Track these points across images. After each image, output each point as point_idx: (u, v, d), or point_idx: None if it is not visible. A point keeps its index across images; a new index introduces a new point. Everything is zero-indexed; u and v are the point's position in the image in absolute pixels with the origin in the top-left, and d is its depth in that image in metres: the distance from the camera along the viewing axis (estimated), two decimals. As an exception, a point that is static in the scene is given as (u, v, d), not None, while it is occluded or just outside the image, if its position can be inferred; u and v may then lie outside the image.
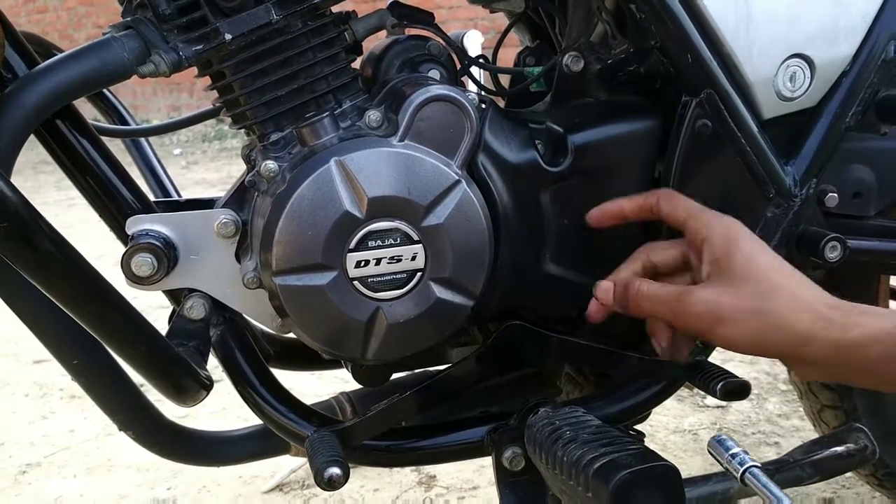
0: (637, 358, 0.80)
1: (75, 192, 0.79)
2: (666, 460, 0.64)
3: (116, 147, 0.86)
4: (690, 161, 0.78)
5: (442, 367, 0.83)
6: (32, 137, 0.70)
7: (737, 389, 0.75)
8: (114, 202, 0.76)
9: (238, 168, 5.02)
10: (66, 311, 0.64)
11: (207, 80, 0.75)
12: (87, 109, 0.81)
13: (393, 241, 0.70)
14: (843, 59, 0.81)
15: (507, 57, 1.02)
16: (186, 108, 6.81)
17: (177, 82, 6.82)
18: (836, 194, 0.84)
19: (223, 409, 1.82)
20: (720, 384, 0.75)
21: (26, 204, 0.59)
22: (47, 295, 0.63)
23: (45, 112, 0.67)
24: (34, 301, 0.73)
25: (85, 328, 0.68)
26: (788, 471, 0.92)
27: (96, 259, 0.65)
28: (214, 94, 0.75)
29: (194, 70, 0.73)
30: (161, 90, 7.01)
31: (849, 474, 1.36)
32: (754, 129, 0.79)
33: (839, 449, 0.91)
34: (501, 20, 1.09)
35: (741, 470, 0.67)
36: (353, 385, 0.86)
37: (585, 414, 0.74)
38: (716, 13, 0.75)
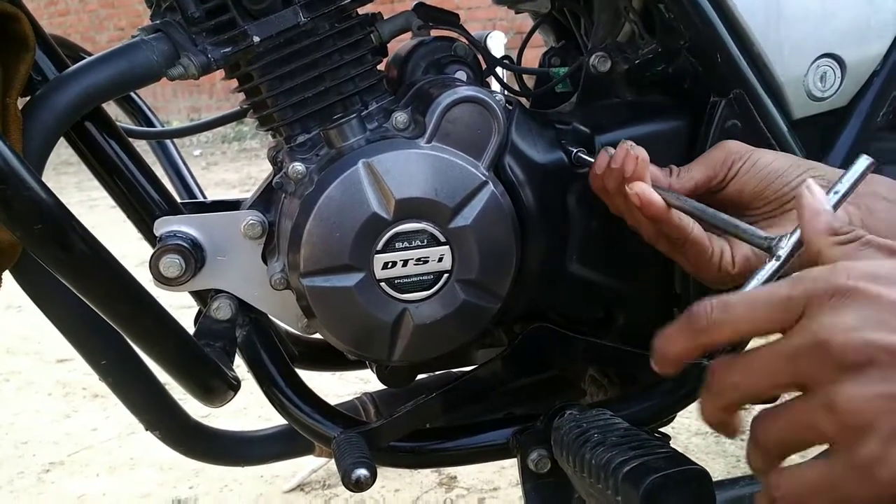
0: (664, 360, 0.79)
1: (97, 194, 0.80)
2: (696, 464, 0.63)
3: (141, 148, 0.86)
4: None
5: (467, 369, 0.83)
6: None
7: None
8: (142, 203, 0.77)
9: (258, 169, 5.05)
10: (98, 312, 0.65)
11: (228, 82, 0.75)
12: (109, 110, 0.81)
13: (420, 243, 0.70)
14: (875, 58, 0.80)
15: (530, 58, 1.01)
16: (206, 109, 6.85)
17: (197, 84, 6.86)
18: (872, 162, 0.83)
19: (244, 408, 1.83)
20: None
21: (60, 206, 0.59)
22: (80, 296, 0.63)
23: (75, 115, 0.68)
24: (63, 302, 0.74)
25: (113, 328, 0.68)
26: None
27: (119, 259, 0.66)
28: (235, 95, 0.76)
29: (216, 73, 0.73)
30: (181, 91, 7.06)
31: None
32: (784, 129, 0.78)
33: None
34: (521, 20, 1.09)
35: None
36: (375, 385, 0.86)
37: (613, 416, 0.74)
38: (746, 12, 0.74)
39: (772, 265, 0.52)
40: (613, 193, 0.69)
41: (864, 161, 0.53)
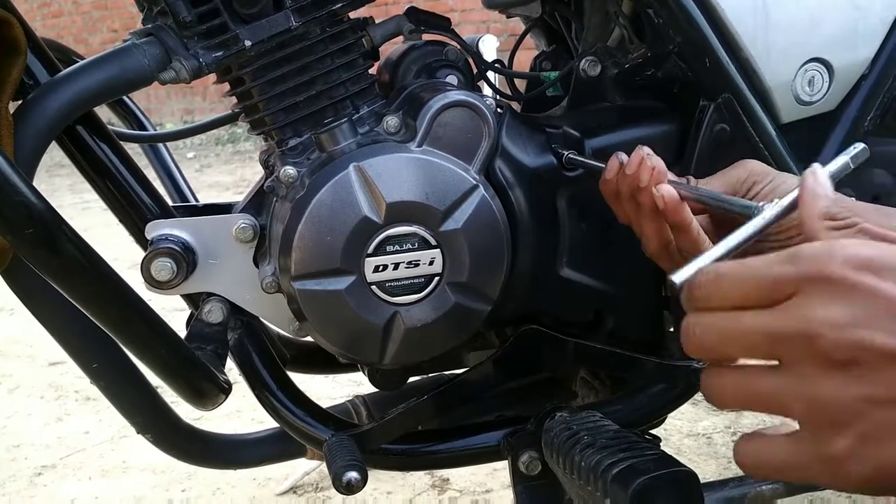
0: (654, 362, 0.80)
1: (90, 196, 0.80)
2: (685, 466, 0.63)
3: (133, 151, 0.86)
4: (708, 165, 0.77)
5: (458, 372, 0.83)
6: (48, 141, 0.71)
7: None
8: (133, 207, 0.77)
9: (251, 171, 5.04)
10: (88, 314, 0.65)
11: (222, 84, 0.75)
12: (102, 113, 0.82)
13: (411, 246, 0.70)
14: (862, 63, 0.81)
15: (522, 61, 1.02)
16: (199, 111, 6.84)
17: (190, 86, 6.84)
18: (854, 198, 0.84)
19: (237, 411, 1.82)
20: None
21: (51, 210, 0.60)
22: (70, 299, 0.64)
23: (67, 118, 0.68)
24: (54, 305, 0.74)
25: (105, 332, 0.68)
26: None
27: (110, 262, 0.66)
28: (229, 97, 0.76)
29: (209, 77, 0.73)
30: (175, 94, 7.04)
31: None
32: (773, 133, 0.78)
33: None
34: (514, 24, 1.10)
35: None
36: (368, 388, 0.86)
37: (602, 418, 0.74)
38: (734, 17, 0.75)
39: (756, 222, 0.52)
40: (625, 200, 0.67)
41: (859, 148, 0.54)
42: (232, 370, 0.80)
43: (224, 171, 5.34)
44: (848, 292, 0.39)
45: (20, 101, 0.67)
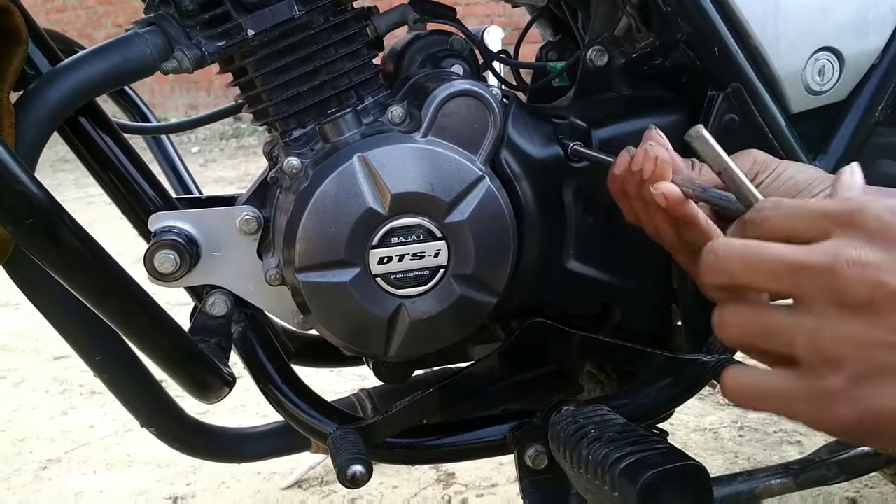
0: (661, 356, 0.79)
1: (94, 190, 0.80)
2: (694, 460, 0.63)
3: (137, 144, 0.86)
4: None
5: (464, 365, 0.83)
6: (53, 135, 0.70)
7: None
8: (136, 199, 0.76)
9: (256, 165, 5.04)
10: (90, 307, 0.64)
11: (226, 78, 0.75)
12: (107, 107, 0.81)
13: (416, 238, 0.69)
14: (873, 52, 0.80)
15: (527, 55, 1.01)
16: (204, 106, 6.83)
17: (195, 81, 6.85)
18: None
19: (242, 405, 1.82)
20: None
21: (52, 200, 0.59)
22: (71, 291, 0.63)
23: (68, 108, 0.67)
24: (57, 297, 0.73)
25: (108, 324, 0.68)
26: (814, 470, 0.91)
27: (115, 256, 0.65)
28: (234, 91, 0.75)
29: (212, 68, 0.73)
30: (179, 88, 7.04)
31: (873, 473, 1.34)
32: (782, 123, 0.77)
33: (865, 448, 0.90)
34: (519, 16, 1.09)
35: None
36: (373, 382, 0.86)
37: (610, 412, 0.74)
38: (743, 5, 0.74)
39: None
40: (632, 198, 0.64)
41: None
42: (237, 364, 0.79)
43: (228, 165, 5.34)
44: (881, 237, 0.40)
45: (21, 92, 0.67)
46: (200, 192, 1.04)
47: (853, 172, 0.51)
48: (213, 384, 0.74)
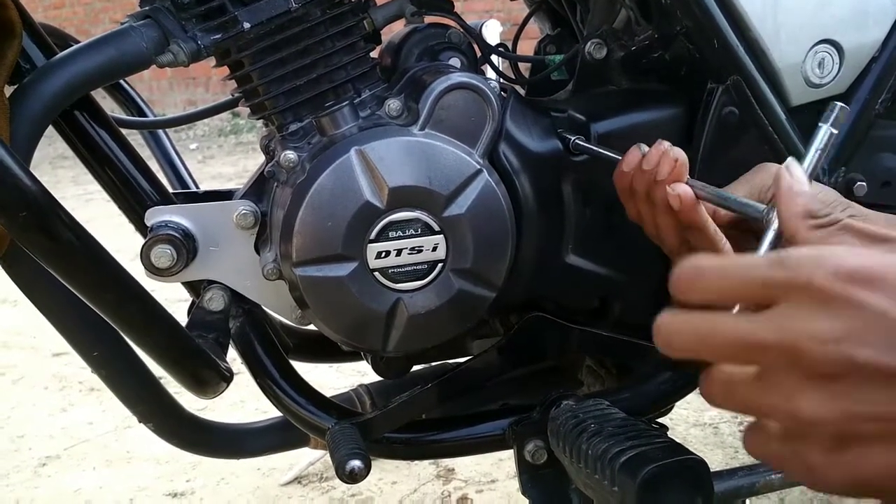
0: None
1: (93, 187, 0.80)
2: (694, 454, 0.62)
3: (134, 139, 0.85)
4: (716, 149, 0.76)
5: (462, 360, 0.82)
6: (51, 131, 0.70)
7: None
8: (133, 193, 0.76)
9: (254, 162, 5.03)
10: (85, 301, 0.64)
11: (224, 73, 0.74)
12: (105, 103, 0.81)
13: (414, 232, 0.69)
14: (873, 44, 0.79)
15: (524, 49, 1.00)
16: (202, 102, 6.80)
17: (193, 77, 6.83)
18: (864, 183, 0.82)
19: (241, 401, 1.82)
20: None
21: (45, 193, 0.59)
22: (67, 285, 0.63)
23: (63, 102, 0.67)
24: (54, 293, 0.73)
25: (105, 319, 0.67)
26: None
27: (114, 253, 0.65)
28: (231, 87, 0.75)
29: (210, 64, 0.72)
30: (177, 84, 7.03)
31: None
32: (782, 116, 0.77)
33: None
34: (516, 13, 1.08)
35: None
36: (372, 377, 0.85)
37: (609, 407, 0.73)
38: (743, -2, 0.74)
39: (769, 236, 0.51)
40: (640, 196, 0.63)
41: (836, 109, 0.52)
42: (235, 360, 0.79)
43: (227, 162, 5.33)
44: (833, 305, 0.37)
45: (16, 85, 0.66)
46: (197, 187, 1.04)
47: (792, 173, 0.48)
48: (211, 379, 0.74)
